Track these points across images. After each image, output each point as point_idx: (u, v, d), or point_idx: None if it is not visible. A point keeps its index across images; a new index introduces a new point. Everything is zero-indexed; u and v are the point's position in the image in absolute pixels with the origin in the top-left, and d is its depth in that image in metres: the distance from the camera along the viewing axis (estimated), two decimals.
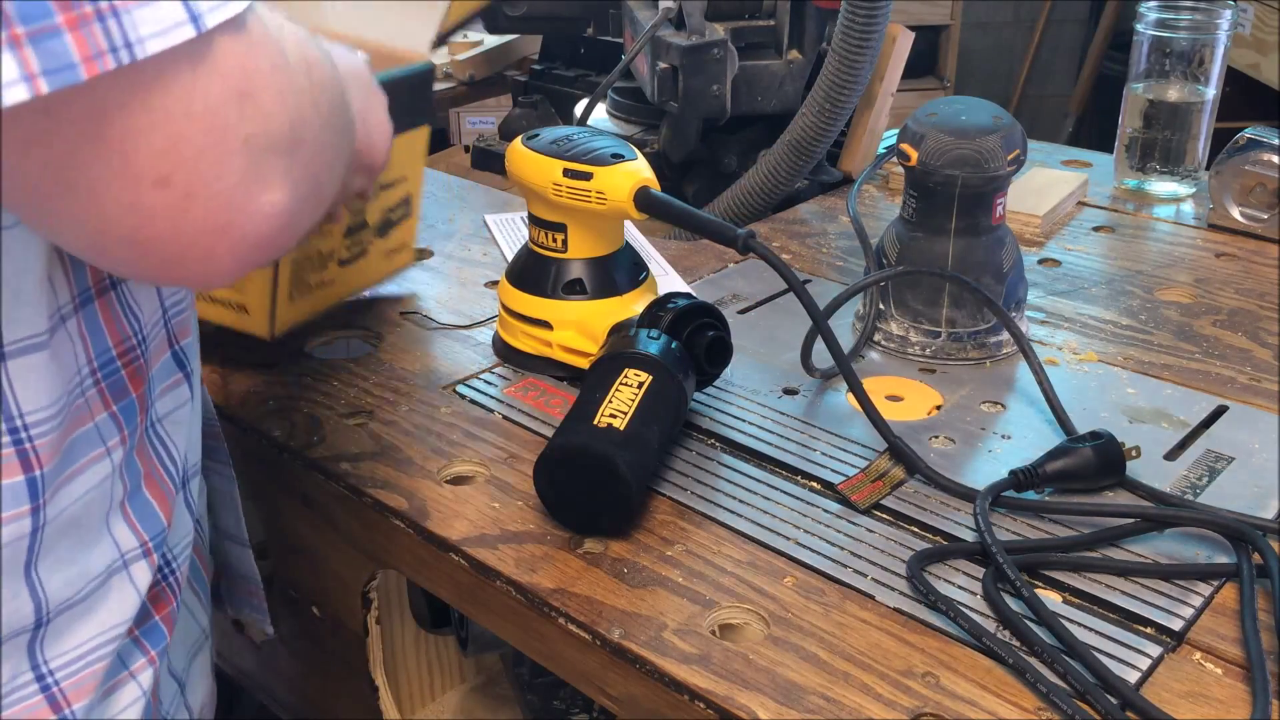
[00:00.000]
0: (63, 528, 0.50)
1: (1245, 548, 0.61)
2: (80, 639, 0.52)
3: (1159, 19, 1.09)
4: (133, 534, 0.54)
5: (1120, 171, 1.16)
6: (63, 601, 0.50)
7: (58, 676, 0.51)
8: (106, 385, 0.51)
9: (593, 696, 0.60)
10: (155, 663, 0.56)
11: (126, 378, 0.52)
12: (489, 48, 1.60)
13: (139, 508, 0.54)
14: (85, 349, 0.50)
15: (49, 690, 0.51)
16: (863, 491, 0.67)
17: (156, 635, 0.57)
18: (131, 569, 0.54)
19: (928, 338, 0.82)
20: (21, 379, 0.46)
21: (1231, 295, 0.93)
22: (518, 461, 0.71)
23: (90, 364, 0.50)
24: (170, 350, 0.57)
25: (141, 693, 0.56)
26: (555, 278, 0.78)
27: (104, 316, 0.51)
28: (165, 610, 0.57)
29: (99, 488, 0.51)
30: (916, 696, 0.53)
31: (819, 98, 1.03)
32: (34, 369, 0.46)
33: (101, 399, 0.51)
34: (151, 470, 0.56)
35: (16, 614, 0.48)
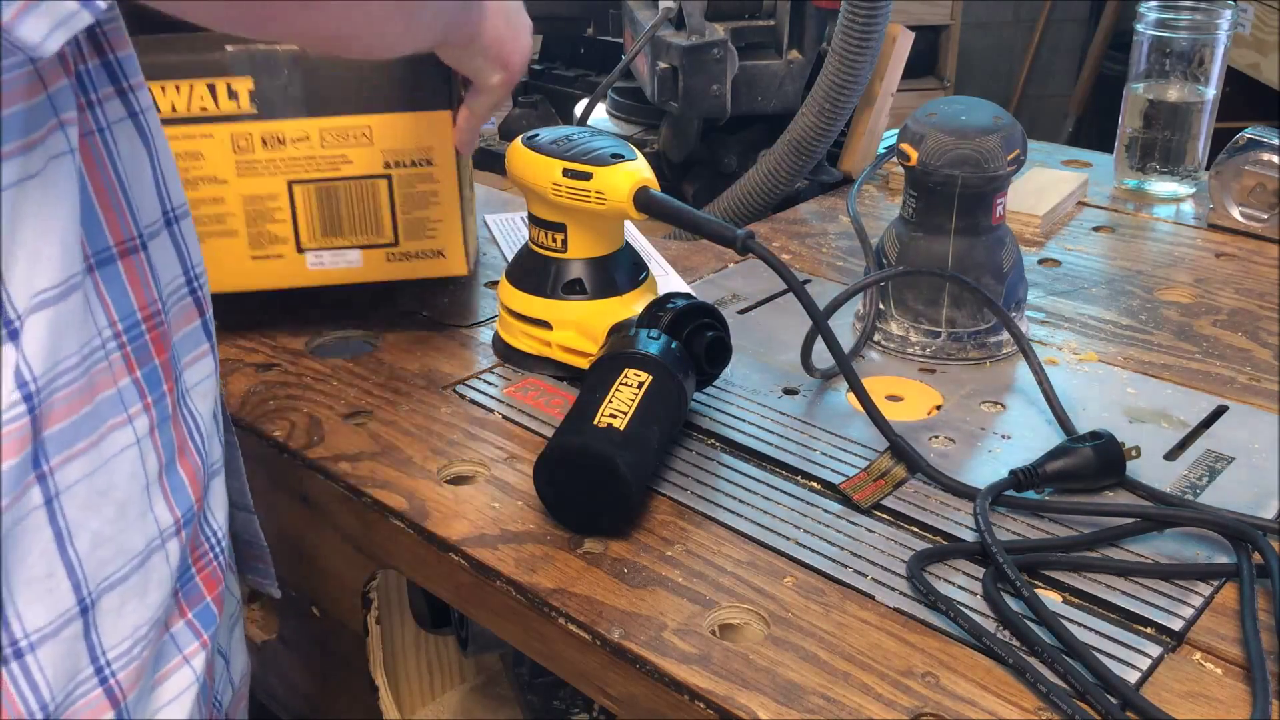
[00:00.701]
0: (90, 499, 0.49)
1: (1245, 548, 0.61)
2: (131, 623, 0.51)
3: (1159, 19, 1.09)
4: (168, 511, 0.53)
5: (1120, 171, 1.16)
6: (104, 580, 0.49)
7: (114, 667, 0.50)
8: (132, 349, 0.51)
9: (593, 696, 0.60)
10: (207, 646, 0.56)
11: (151, 342, 0.52)
12: None
13: (174, 483, 0.54)
14: (107, 311, 0.50)
15: (107, 683, 0.50)
16: (864, 491, 0.67)
17: (208, 617, 0.56)
18: (168, 547, 0.53)
19: (928, 338, 0.82)
20: (31, 338, 0.45)
21: (1231, 295, 0.93)
22: (518, 461, 0.71)
23: (114, 326, 0.50)
24: (200, 319, 0.57)
25: (195, 677, 0.55)
26: (555, 278, 0.78)
27: (129, 278, 0.51)
28: (215, 591, 0.56)
29: (121, 456, 0.50)
30: (916, 696, 0.53)
31: (819, 98, 1.03)
32: (45, 325, 0.46)
33: (125, 363, 0.50)
34: (185, 444, 0.55)
35: (59, 597, 0.47)
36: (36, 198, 0.45)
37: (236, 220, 0.82)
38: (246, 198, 0.82)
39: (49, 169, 0.45)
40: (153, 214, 0.53)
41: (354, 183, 0.82)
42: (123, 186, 0.51)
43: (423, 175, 0.82)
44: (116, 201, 0.50)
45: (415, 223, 0.84)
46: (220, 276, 0.79)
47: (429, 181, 0.83)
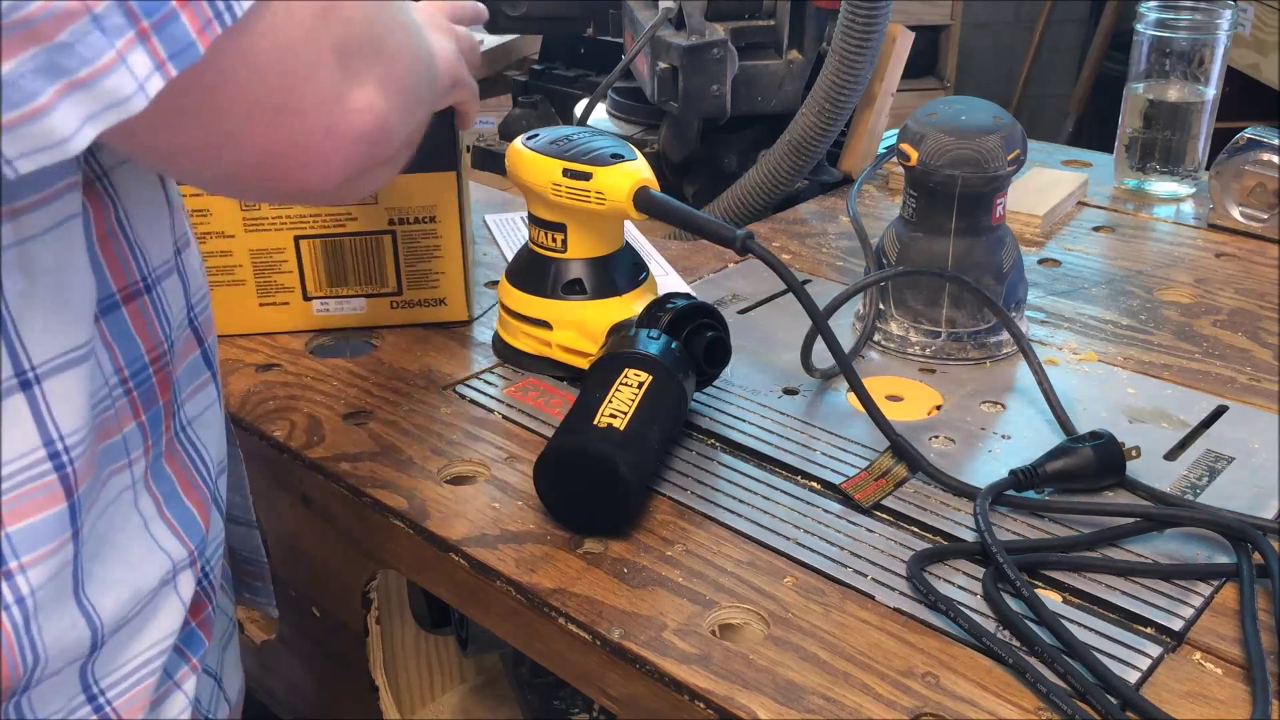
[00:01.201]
0: (95, 548, 0.48)
1: (1245, 548, 0.61)
2: (130, 656, 0.51)
3: (1159, 19, 1.09)
4: (180, 544, 0.53)
5: (1120, 171, 1.16)
6: (118, 621, 0.49)
7: (109, 696, 0.50)
8: (139, 394, 0.50)
9: (593, 696, 0.60)
10: (197, 669, 0.56)
11: (156, 385, 0.51)
12: (489, 48, 1.60)
13: (180, 516, 0.53)
14: (114, 358, 0.49)
15: (101, 711, 0.50)
16: (865, 490, 0.67)
17: (196, 642, 0.56)
18: (179, 580, 0.53)
19: (928, 338, 0.82)
20: (64, 395, 0.45)
21: (1231, 295, 0.93)
22: (518, 461, 0.71)
23: (120, 373, 0.49)
24: (200, 349, 0.56)
25: (188, 701, 0.55)
26: (555, 278, 0.78)
27: (135, 323, 0.50)
28: (201, 615, 0.56)
29: (119, 501, 0.50)
30: (916, 696, 0.53)
31: (819, 98, 1.03)
32: (75, 383, 0.45)
33: (132, 409, 0.50)
34: (187, 476, 0.54)
35: (77, 643, 0.47)
36: (55, 252, 0.44)
37: (244, 271, 0.86)
38: (254, 250, 0.85)
39: (66, 225, 0.45)
40: (164, 253, 0.52)
41: (359, 238, 0.85)
42: (127, 229, 0.50)
43: (427, 231, 0.85)
44: (119, 246, 0.49)
45: (419, 274, 0.87)
46: (228, 321, 0.85)
47: (432, 237, 0.85)
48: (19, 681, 0.45)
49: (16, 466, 0.43)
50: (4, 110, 0.34)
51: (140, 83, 0.36)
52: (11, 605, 0.44)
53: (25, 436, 0.43)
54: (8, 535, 0.43)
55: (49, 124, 0.35)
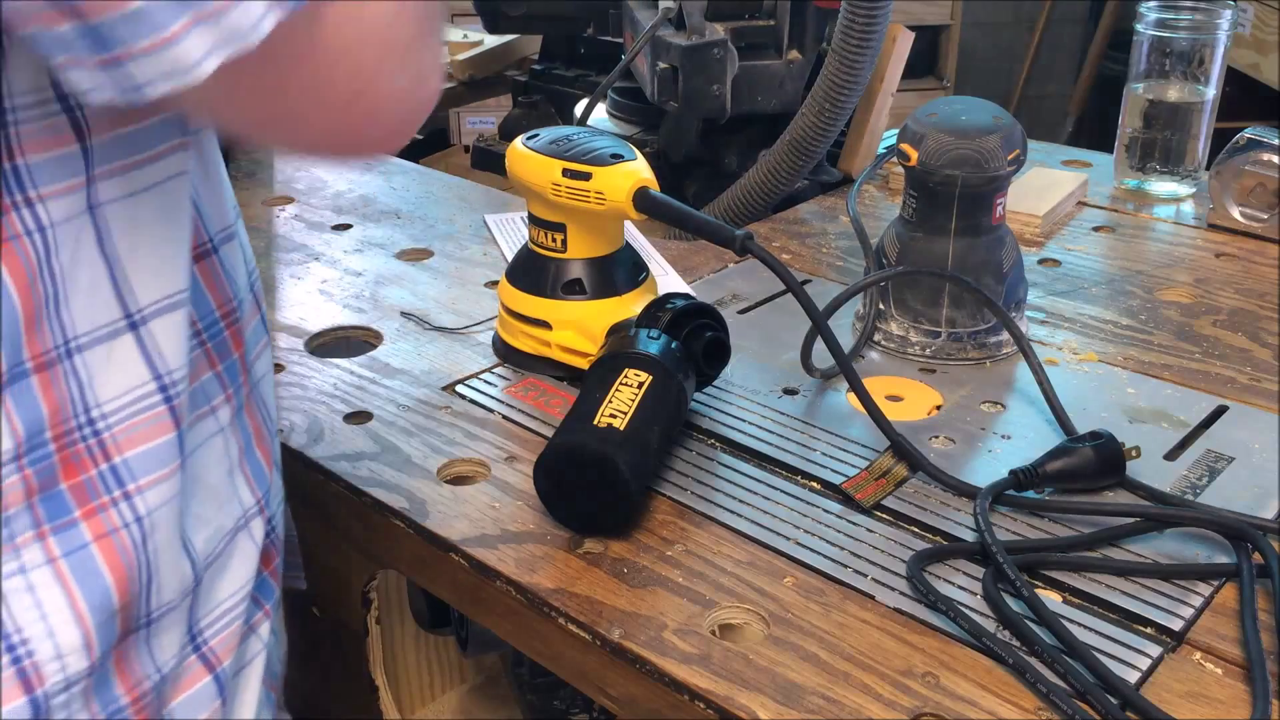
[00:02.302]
0: (189, 486, 0.52)
1: (1245, 548, 0.61)
2: (219, 598, 0.54)
3: (1159, 19, 1.09)
4: (250, 492, 0.56)
5: (1120, 171, 1.16)
6: (207, 557, 0.53)
7: (205, 637, 0.54)
8: (212, 345, 0.54)
9: (593, 696, 0.60)
10: (269, 616, 0.59)
11: (229, 338, 0.55)
12: (489, 48, 1.60)
13: (253, 466, 0.57)
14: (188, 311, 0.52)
15: (201, 651, 0.53)
16: (866, 490, 0.67)
17: (267, 590, 0.59)
18: (251, 525, 0.56)
19: (928, 338, 0.82)
20: (167, 335, 0.49)
21: (1231, 295, 0.93)
22: (518, 461, 0.71)
23: (193, 325, 0.52)
24: (259, 314, 0.59)
25: (263, 645, 0.59)
26: (555, 278, 0.78)
27: (205, 280, 0.53)
28: (272, 565, 0.60)
29: (208, 444, 0.54)
30: (916, 696, 0.53)
31: (819, 98, 1.03)
32: (177, 325, 0.49)
33: (207, 359, 0.53)
34: (260, 429, 0.58)
35: (183, 577, 0.51)
36: (161, 206, 0.48)
37: None
38: None
39: (175, 181, 0.49)
40: (225, 219, 0.56)
41: None
42: (198, 192, 0.53)
43: None
44: (191, 209, 0.53)
45: None
46: None
47: None
48: (136, 597, 0.48)
49: (131, 398, 0.47)
50: (139, 39, 0.37)
51: (256, 20, 0.38)
52: (131, 524, 0.47)
53: (136, 372, 0.48)
54: (126, 460, 0.47)
55: (178, 52, 0.37)
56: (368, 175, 1.22)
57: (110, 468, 0.47)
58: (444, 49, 0.54)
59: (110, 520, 0.47)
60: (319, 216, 1.11)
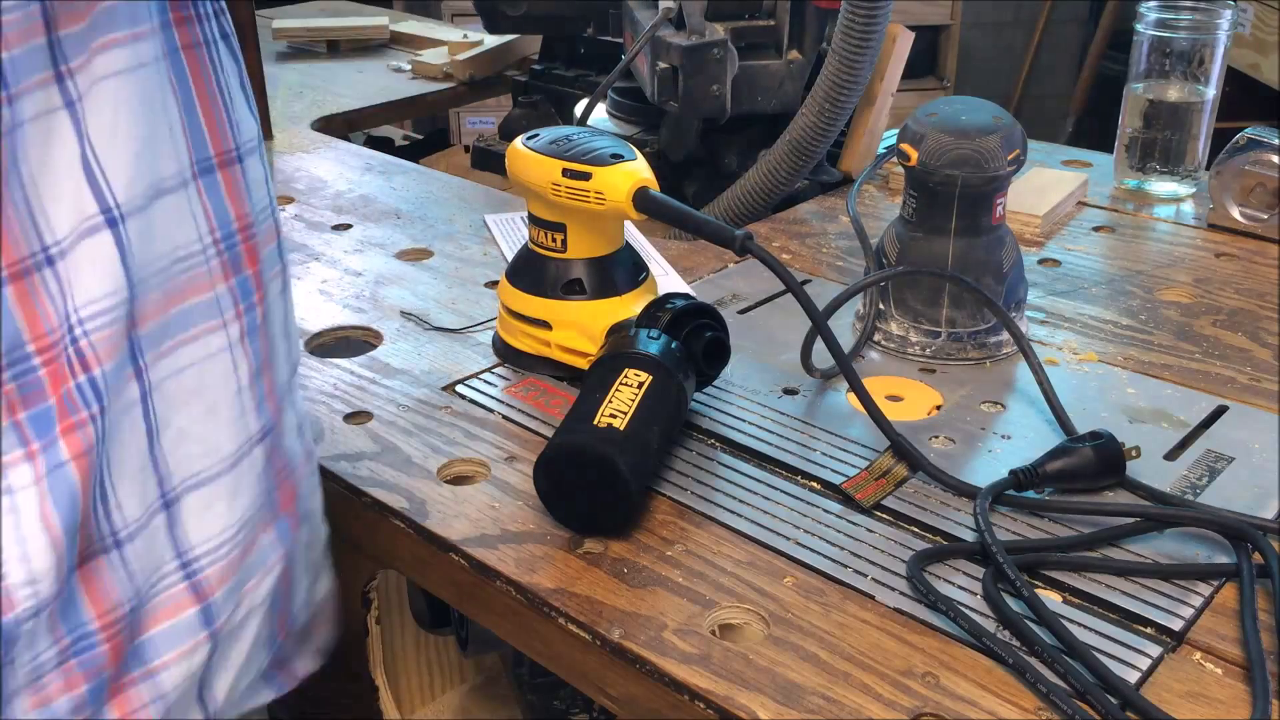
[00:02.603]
0: (184, 398, 0.50)
1: (1245, 548, 0.61)
2: (219, 524, 0.53)
3: (1159, 19, 1.09)
4: (256, 418, 0.55)
5: (1120, 171, 1.16)
6: (189, 477, 0.51)
7: (202, 563, 0.52)
8: (229, 257, 0.53)
9: (593, 696, 0.60)
10: (285, 558, 0.58)
11: (244, 253, 0.54)
12: (489, 48, 1.60)
13: (259, 393, 0.56)
14: (208, 218, 0.52)
15: (193, 578, 0.52)
16: (866, 490, 0.67)
17: (283, 530, 0.58)
18: (254, 453, 0.55)
19: (928, 338, 0.82)
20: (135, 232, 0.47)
21: (1231, 295, 0.93)
22: (518, 461, 0.71)
23: (213, 233, 0.52)
24: (276, 240, 0.59)
25: (273, 586, 0.58)
26: (555, 278, 0.78)
27: (227, 189, 0.53)
28: (291, 505, 0.59)
29: (214, 359, 0.52)
30: (916, 696, 0.53)
31: (819, 98, 1.03)
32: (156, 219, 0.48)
33: (223, 271, 0.52)
34: (270, 356, 0.57)
35: (144, 497, 0.49)
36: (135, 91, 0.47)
37: None
38: None
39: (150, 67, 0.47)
40: (249, 132, 0.55)
41: None
42: (224, 100, 0.53)
43: None
44: (219, 113, 0.52)
45: None
46: None
47: None
48: (88, 514, 0.46)
49: (110, 303, 0.46)
50: None
51: None
52: (100, 442, 0.46)
53: (114, 275, 0.46)
54: (105, 371, 0.46)
55: None
56: (368, 175, 1.22)
57: (89, 380, 0.46)
58: None
59: (87, 437, 0.45)
60: (319, 216, 1.11)
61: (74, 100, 0.44)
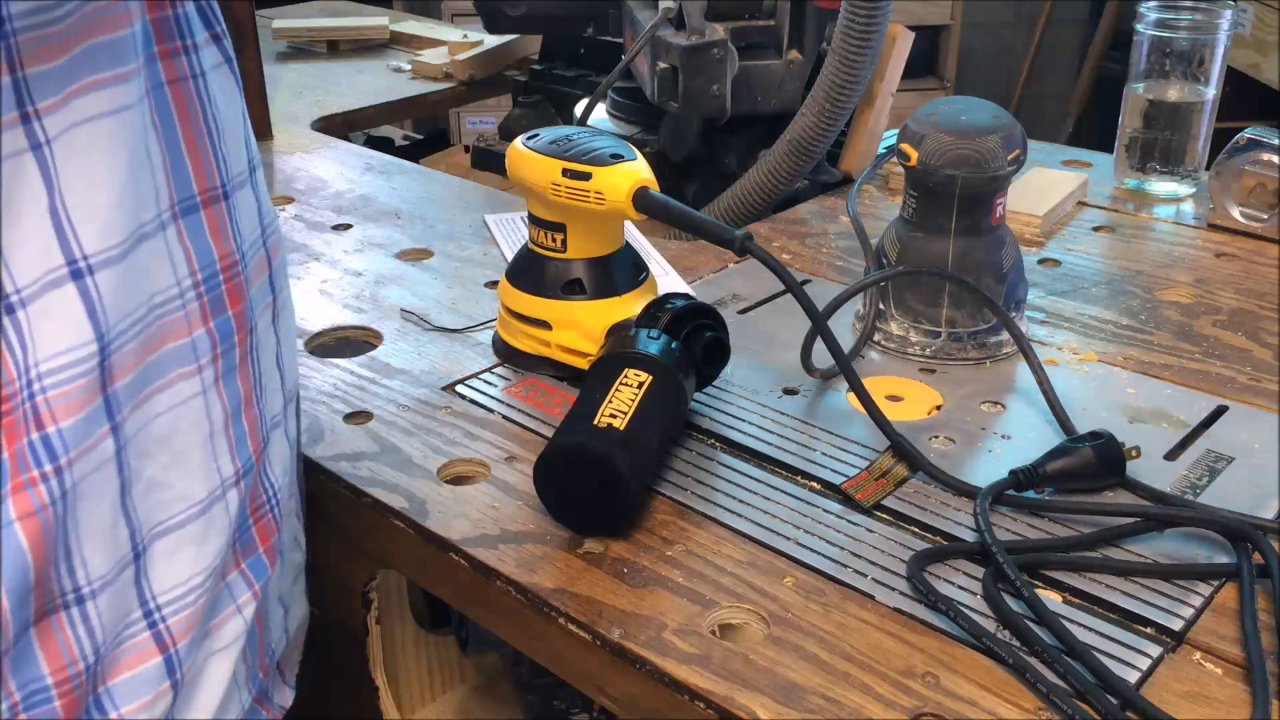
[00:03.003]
0: (151, 448, 0.49)
1: (1245, 548, 0.61)
2: (186, 571, 0.51)
3: (1159, 19, 1.09)
4: (230, 461, 0.53)
5: (1120, 171, 1.16)
6: (157, 525, 0.49)
7: (165, 613, 0.50)
8: (209, 299, 0.51)
9: (593, 696, 0.60)
10: (258, 596, 0.56)
11: (226, 293, 0.52)
12: (489, 48, 1.60)
13: (237, 434, 0.54)
14: (188, 260, 0.50)
15: (155, 628, 0.50)
16: (866, 490, 0.67)
17: (260, 568, 0.56)
18: (228, 497, 0.53)
19: (928, 338, 0.82)
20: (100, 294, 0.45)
21: (1231, 295, 0.93)
22: (518, 461, 0.71)
23: (194, 275, 0.50)
24: (269, 270, 0.57)
25: (245, 626, 0.56)
26: (554, 278, 0.78)
27: (210, 227, 0.51)
28: (268, 543, 0.57)
29: (187, 405, 0.50)
30: (916, 696, 0.53)
31: (819, 98, 1.03)
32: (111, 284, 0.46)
33: (201, 314, 0.51)
34: (250, 395, 0.55)
35: (117, 550, 0.47)
36: (104, 142, 0.45)
37: None
38: None
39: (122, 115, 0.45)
40: (240, 163, 0.53)
41: None
42: (214, 135, 0.51)
43: None
44: (205, 150, 0.50)
45: None
46: None
47: None
48: (47, 573, 0.45)
49: (71, 359, 0.44)
50: None
51: None
52: (58, 499, 0.44)
53: (79, 329, 0.44)
54: (61, 430, 0.44)
55: None
56: (368, 175, 1.22)
57: (43, 437, 0.44)
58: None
59: (38, 496, 0.44)
60: (319, 216, 1.11)
61: (42, 143, 0.42)
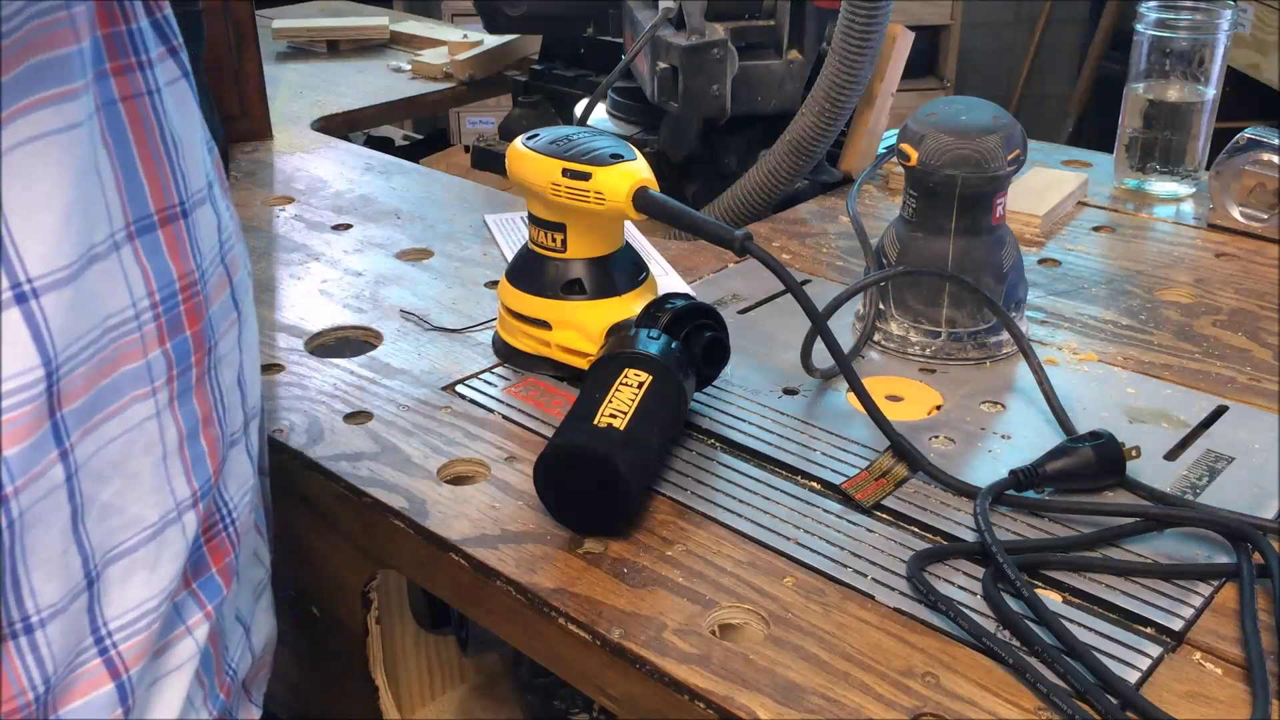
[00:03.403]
0: (100, 471, 0.48)
1: (1245, 548, 0.61)
2: (139, 596, 0.50)
3: (1159, 19, 1.09)
4: (186, 483, 0.52)
5: (1120, 171, 1.16)
6: (110, 550, 0.48)
7: (117, 639, 0.49)
8: (166, 320, 0.50)
9: (593, 696, 0.60)
10: (211, 617, 0.55)
11: (184, 313, 0.51)
12: (489, 48, 1.60)
13: (194, 455, 0.52)
14: (146, 280, 0.48)
15: (107, 654, 0.49)
16: (866, 490, 0.67)
17: (213, 588, 0.55)
18: (184, 520, 0.52)
19: (928, 338, 0.82)
20: (54, 311, 0.44)
21: (1231, 295, 0.93)
22: (518, 461, 0.71)
23: (151, 296, 0.48)
24: (229, 287, 0.56)
25: (197, 648, 0.54)
26: (554, 278, 0.78)
27: (169, 247, 0.49)
28: (222, 562, 0.55)
29: (140, 428, 0.49)
30: (916, 696, 0.53)
31: (819, 98, 1.03)
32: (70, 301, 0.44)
33: (158, 335, 0.49)
34: (209, 414, 0.54)
35: (69, 579, 0.46)
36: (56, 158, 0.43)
37: None
38: None
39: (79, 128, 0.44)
40: (199, 180, 0.52)
41: None
42: (171, 152, 0.50)
43: None
44: (162, 168, 0.49)
45: None
46: None
47: None
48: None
49: (16, 384, 0.43)
50: None
51: None
52: (2, 529, 0.43)
53: (25, 354, 0.43)
54: (6, 460, 0.43)
55: None
56: (368, 175, 1.22)
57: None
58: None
59: None
60: (319, 216, 1.11)
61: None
